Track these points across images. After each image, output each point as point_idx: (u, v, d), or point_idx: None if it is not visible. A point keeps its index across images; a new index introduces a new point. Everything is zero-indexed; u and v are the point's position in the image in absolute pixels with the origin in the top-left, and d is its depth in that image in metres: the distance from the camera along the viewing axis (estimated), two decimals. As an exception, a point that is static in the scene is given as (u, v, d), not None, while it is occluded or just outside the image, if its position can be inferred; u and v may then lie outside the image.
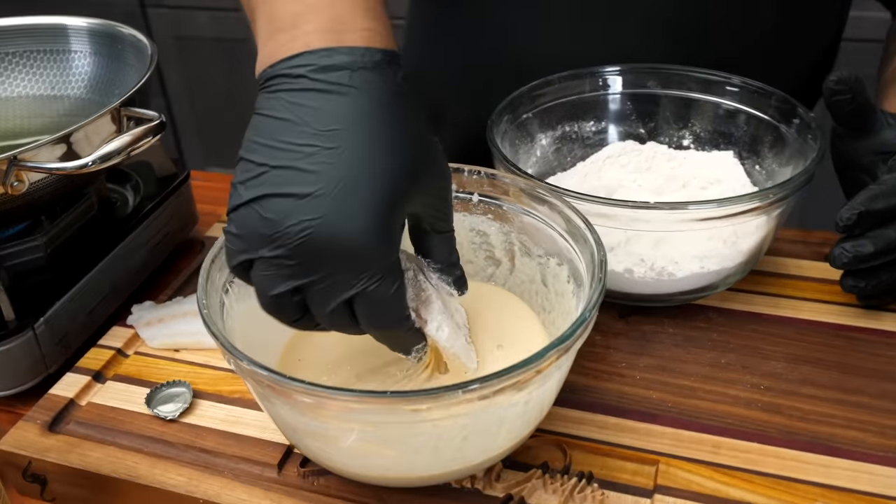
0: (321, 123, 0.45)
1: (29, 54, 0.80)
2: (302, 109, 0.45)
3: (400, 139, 0.46)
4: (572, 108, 0.75)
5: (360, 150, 0.45)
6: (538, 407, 0.52)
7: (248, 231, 0.46)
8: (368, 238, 0.45)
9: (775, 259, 0.71)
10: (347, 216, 0.45)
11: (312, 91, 0.45)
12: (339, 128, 0.45)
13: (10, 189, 0.61)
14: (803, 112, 0.67)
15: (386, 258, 0.47)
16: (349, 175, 0.45)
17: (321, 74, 0.46)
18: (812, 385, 0.60)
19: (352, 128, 0.45)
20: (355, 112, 0.45)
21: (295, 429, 0.51)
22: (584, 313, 0.49)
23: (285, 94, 0.46)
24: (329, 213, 0.44)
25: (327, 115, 0.45)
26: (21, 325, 0.64)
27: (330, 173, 0.45)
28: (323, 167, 0.45)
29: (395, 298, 0.48)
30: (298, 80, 0.46)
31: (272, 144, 0.45)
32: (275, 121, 0.46)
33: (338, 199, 0.44)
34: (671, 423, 0.58)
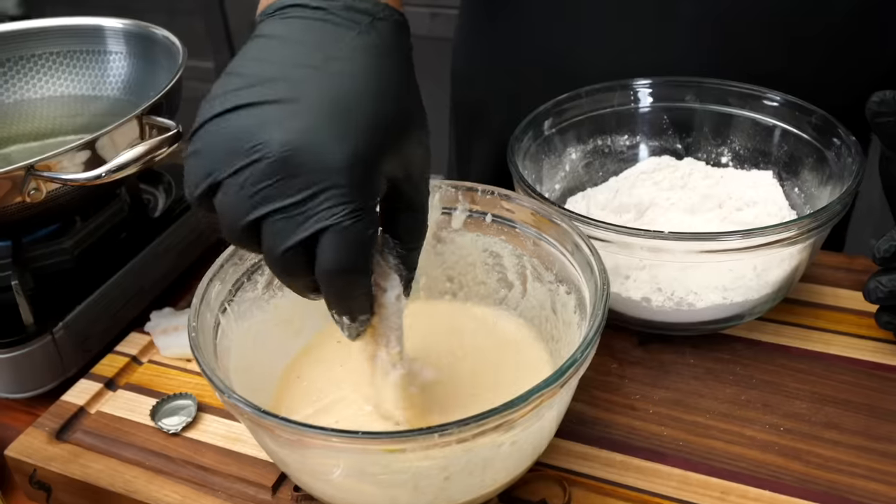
0: (333, 49, 0.43)
1: (71, 54, 0.82)
2: (317, 35, 0.43)
3: (402, 89, 0.45)
4: (605, 121, 0.71)
5: (364, 82, 0.43)
6: (530, 446, 0.50)
7: (218, 146, 0.42)
8: (357, 163, 0.41)
9: (811, 287, 0.67)
10: (338, 134, 0.41)
11: (331, 24, 0.44)
12: (350, 58, 0.43)
13: (28, 197, 0.62)
14: (843, 132, 0.63)
15: (370, 193, 0.43)
16: (347, 98, 0.42)
17: (344, 11, 0.44)
18: (836, 429, 0.57)
19: (361, 61, 0.43)
20: (368, 50, 0.44)
21: (281, 460, 0.51)
22: (574, 354, 0.47)
23: (300, 21, 0.44)
24: (319, 126, 0.41)
25: (342, 45, 0.43)
26: (39, 329, 0.65)
27: (326, 92, 0.42)
28: (326, 84, 0.42)
29: (367, 243, 0.43)
30: (318, 11, 0.44)
31: (270, 60, 0.43)
32: (281, 41, 0.44)
33: (330, 115, 0.41)
34: (680, 464, 0.55)
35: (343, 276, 0.43)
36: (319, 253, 0.42)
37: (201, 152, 0.42)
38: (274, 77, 0.42)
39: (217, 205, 0.43)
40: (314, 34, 0.44)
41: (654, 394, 0.60)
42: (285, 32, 0.44)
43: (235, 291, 0.57)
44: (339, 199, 0.41)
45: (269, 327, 0.59)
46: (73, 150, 0.62)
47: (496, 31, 0.84)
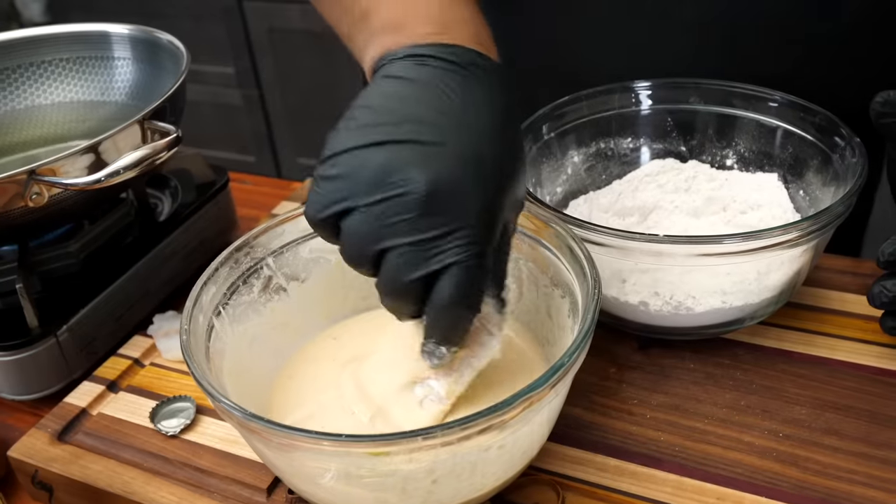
0: (465, 97, 0.45)
1: (80, 60, 0.83)
2: (448, 81, 0.45)
3: (518, 141, 0.48)
4: (606, 124, 0.71)
5: (497, 135, 0.46)
6: (519, 450, 0.50)
7: (361, 175, 0.43)
8: (490, 209, 0.44)
9: (817, 291, 0.66)
10: (477, 181, 0.44)
11: (460, 74, 0.46)
12: (481, 106, 0.46)
13: (30, 202, 0.62)
14: (847, 132, 0.62)
15: (493, 238, 0.46)
16: (484, 149, 0.45)
17: (471, 66, 0.46)
18: (836, 435, 0.56)
19: (490, 111, 0.46)
20: (495, 101, 0.46)
21: (271, 463, 0.51)
22: (562, 358, 0.47)
23: (434, 70, 0.46)
24: (462, 172, 0.43)
25: (472, 93, 0.45)
26: (44, 332, 0.66)
27: (468, 140, 0.44)
28: (463, 133, 0.44)
29: (483, 282, 0.46)
30: (449, 63, 0.46)
31: (413, 100, 0.45)
32: (420, 85, 0.45)
33: (473, 163, 0.44)
34: (676, 470, 0.55)
35: (456, 309, 0.46)
36: (438, 288, 0.45)
37: (341, 177, 0.44)
38: (421, 119, 0.44)
39: (345, 228, 0.45)
40: (448, 81, 0.46)
41: (652, 399, 0.59)
42: (423, 77, 0.46)
43: (231, 295, 0.57)
44: (469, 240, 0.44)
45: (266, 330, 0.59)
46: (75, 155, 0.63)
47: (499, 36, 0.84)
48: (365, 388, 0.56)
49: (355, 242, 0.45)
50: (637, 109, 0.71)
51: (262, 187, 0.91)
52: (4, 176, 0.61)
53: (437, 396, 0.54)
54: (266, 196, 0.89)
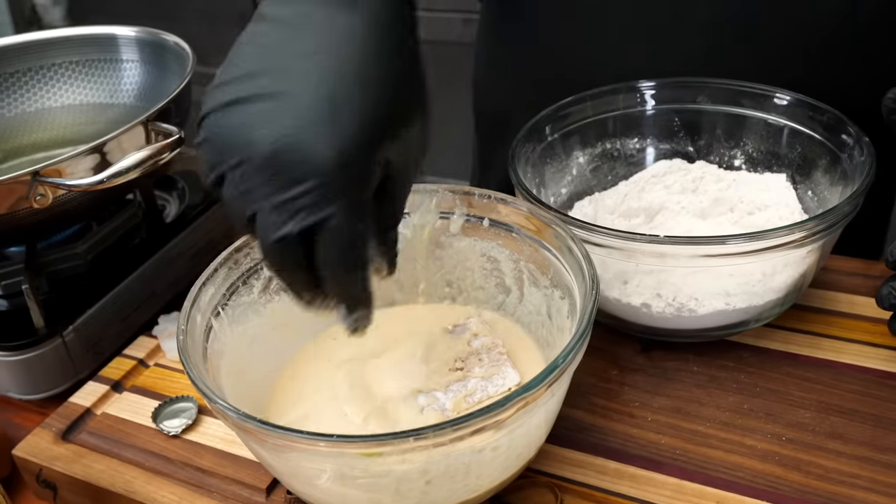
0: (327, 35, 0.42)
1: (88, 63, 0.83)
2: (308, 17, 0.43)
3: (398, 72, 0.43)
4: (612, 124, 0.70)
5: (353, 71, 0.42)
6: (514, 452, 0.49)
7: (218, 139, 0.43)
8: (345, 160, 0.41)
9: (825, 293, 0.65)
10: (328, 132, 0.41)
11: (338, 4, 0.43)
12: (340, 43, 0.42)
13: (34, 203, 0.63)
14: (855, 131, 0.61)
15: (361, 188, 0.43)
16: (340, 90, 0.42)
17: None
18: (840, 440, 0.55)
19: (350, 47, 0.42)
20: (364, 32, 0.43)
21: (268, 464, 0.51)
22: (556, 360, 0.46)
23: (297, 2, 0.44)
24: (308, 124, 0.41)
25: (337, 28, 0.42)
26: (50, 332, 0.67)
27: (320, 83, 0.41)
28: (315, 75, 0.42)
29: (359, 237, 0.43)
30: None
31: (262, 47, 0.43)
32: (272, 25, 0.43)
33: (321, 111, 0.41)
34: (676, 473, 0.54)
35: (335, 269, 0.44)
36: (316, 248, 0.43)
37: (207, 143, 0.43)
38: (264, 69, 0.42)
39: (223, 196, 0.44)
40: (305, 16, 0.43)
41: (653, 401, 0.59)
42: (278, 14, 0.43)
43: (230, 295, 0.57)
44: (328, 195, 0.41)
45: (265, 331, 0.59)
46: (79, 156, 0.63)
47: (513, 39, 0.83)
48: (366, 389, 0.56)
49: (230, 209, 0.44)
50: (643, 109, 0.70)
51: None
52: (9, 177, 0.61)
53: (441, 408, 0.54)
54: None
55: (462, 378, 0.56)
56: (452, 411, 0.54)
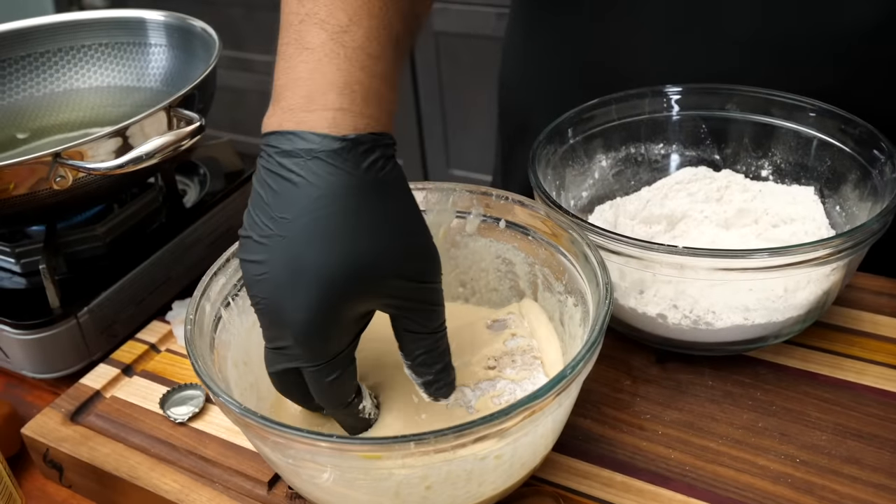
0: (278, 209, 0.45)
1: (118, 46, 0.83)
2: (268, 190, 0.46)
3: (349, 234, 0.45)
4: (637, 128, 0.69)
5: (302, 243, 0.45)
6: (518, 461, 0.49)
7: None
8: (303, 331, 0.46)
9: (849, 311, 0.63)
10: (289, 305, 0.45)
11: (274, 174, 0.46)
12: (288, 217, 0.45)
13: (54, 184, 0.63)
14: (887, 145, 0.59)
15: (323, 352, 0.47)
16: (292, 266, 0.45)
17: (282, 159, 0.45)
18: (857, 465, 0.53)
19: (299, 219, 0.45)
20: (305, 203, 0.45)
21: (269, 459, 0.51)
22: (563, 372, 0.45)
23: (262, 171, 0.47)
24: (273, 297, 0.46)
25: (283, 201, 0.45)
26: (65, 313, 0.67)
27: (276, 260, 0.45)
28: (273, 253, 0.46)
29: (331, 386, 0.48)
30: (269, 160, 0.46)
31: (251, 213, 0.47)
32: (255, 191, 0.47)
33: (281, 288, 0.45)
34: (683, 490, 0.53)
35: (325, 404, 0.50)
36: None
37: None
38: (250, 236, 0.47)
39: None
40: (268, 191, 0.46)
41: (665, 414, 0.58)
42: (256, 183, 0.47)
43: (241, 286, 0.56)
44: (299, 352, 0.47)
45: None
46: (101, 139, 0.63)
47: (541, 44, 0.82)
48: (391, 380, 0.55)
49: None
50: (669, 115, 0.69)
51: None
52: (30, 158, 0.61)
53: (467, 404, 0.53)
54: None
55: (493, 378, 0.55)
56: (477, 410, 0.53)
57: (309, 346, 0.46)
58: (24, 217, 0.69)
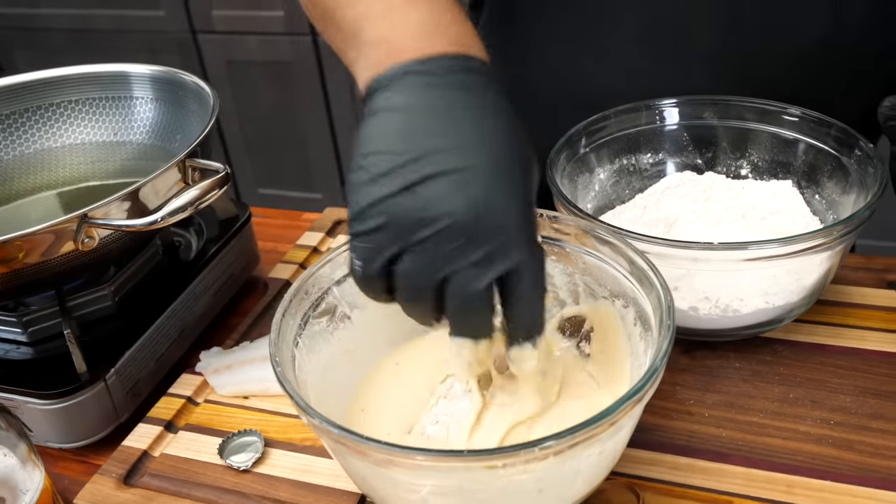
0: (468, 114, 0.47)
1: (93, 101, 0.82)
2: (446, 101, 0.47)
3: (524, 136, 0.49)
4: (629, 141, 0.75)
5: (503, 134, 0.47)
6: (612, 455, 0.52)
7: (402, 218, 0.46)
8: (526, 204, 0.47)
9: (838, 287, 0.71)
10: (506, 187, 0.46)
11: (453, 87, 0.47)
12: (485, 118, 0.47)
13: (80, 245, 0.62)
14: (864, 143, 0.67)
15: (536, 235, 0.48)
16: (499, 156, 0.46)
17: (461, 75, 0.48)
18: (882, 419, 0.60)
19: (494, 116, 0.47)
20: (494, 107, 0.48)
21: (369, 483, 0.52)
22: (655, 363, 0.49)
23: (426, 90, 0.47)
24: (493, 191, 0.45)
25: (473, 107, 0.47)
26: (93, 377, 0.66)
27: (483, 155, 0.46)
28: (475, 150, 0.46)
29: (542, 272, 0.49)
30: (440, 76, 0.47)
31: (414, 132, 0.46)
32: (412, 113, 0.47)
33: (492, 173, 0.46)
34: (742, 462, 0.58)
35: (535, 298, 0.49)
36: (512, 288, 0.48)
37: (382, 228, 0.46)
38: (436, 149, 0.46)
39: (400, 271, 0.47)
40: (446, 101, 0.47)
41: (706, 398, 0.63)
42: (419, 103, 0.47)
43: (304, 325, 0.58)
44: (520, 242, 0.47)
45: (336, 358, 0.60)
46: (119, 199, 0.63)
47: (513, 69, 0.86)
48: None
49: (413, 279, 0.47)
50: (660, 126, 0.75)
51: (275, 219, 0.92)
52: (58, 221, 0.61)
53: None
54: (278, 228, 0.90)
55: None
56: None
57: (531, 232, 0.47)
58: (38, 283, 0.67)
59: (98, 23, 1.95)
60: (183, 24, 1.92)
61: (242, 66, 1.91)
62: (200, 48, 1.94)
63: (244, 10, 1.85)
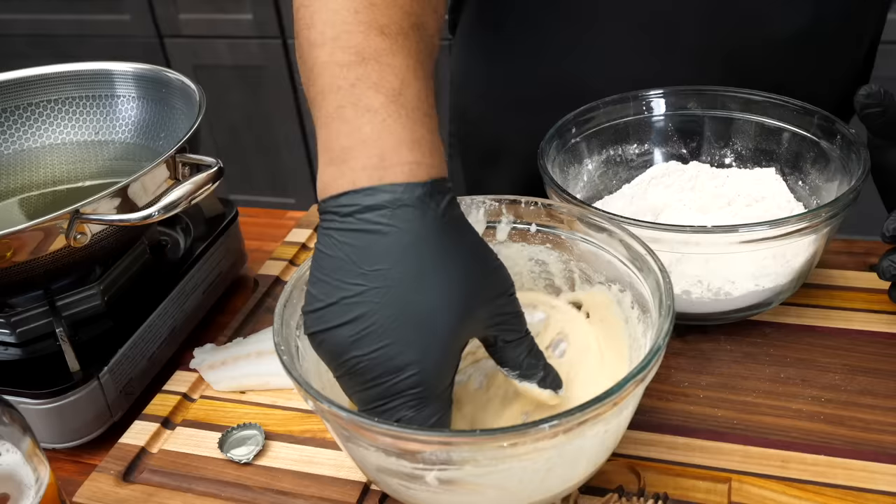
0: (368, 263, 0.47)
1: (75, 101, 0.81)
2: (350, 248, 0.48)
3: (446, 272, 0.48)
4: (616, 131, 0.76)
5: (405, 288, 0.47)
6: (615, 434, 0.53)
7: (320, 354, 0.50)
8: (428, 374, 0.48)
9: (822, 271, 0.72)
10: (409, 352, 0.47)
11: (358, 231, 0.47)
12: (384, 267, 0.47)
13: (72, 242, 0.62)
14: (845, 129, 0.68)
15: (436, 390, 0.49)
16: (405, 311, 0.47)
17: (365, 214, 0.47)
18: (871, 395, 0.61)
19: (396, 266, 0.47)
20: (398, 250, 0.47)
21: (377, 467, 0.52)
22: (657, 342, 0.50)
23: (336, 233, 0.48)
24: (385, 349, 0.47)
25: (373, 254, 0.47)
26: (86, 376, 0.65)
27: (379, 312, 0.47)
28: (373, 306, 0.47)
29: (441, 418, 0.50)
30: (346, 219, 0.48)
31: (327, 281, 0.48)
32: (329, 258, 0.48)
33: (394, 336, 0.47)
34: (739, 440, 0.59)
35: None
36: None
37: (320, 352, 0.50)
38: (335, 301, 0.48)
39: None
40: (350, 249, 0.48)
41: (700, 380, 0.64)
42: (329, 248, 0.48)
43: (304, 316, 0.58)
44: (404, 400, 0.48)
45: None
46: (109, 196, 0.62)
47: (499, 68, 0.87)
48: None
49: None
50: (647, 116, 0.76)
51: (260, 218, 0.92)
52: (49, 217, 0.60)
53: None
54: (262, 227, 0.90)
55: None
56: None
57: (430, 389, 0.48)
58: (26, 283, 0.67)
59: (60, 28, 1.92)
60: (149, 29, 1.90)
61: (211, 70, 1.90)
62: (167, 53, 1.92)
63: (212, 13, 1.84)
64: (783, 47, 0.76)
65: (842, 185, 0.67)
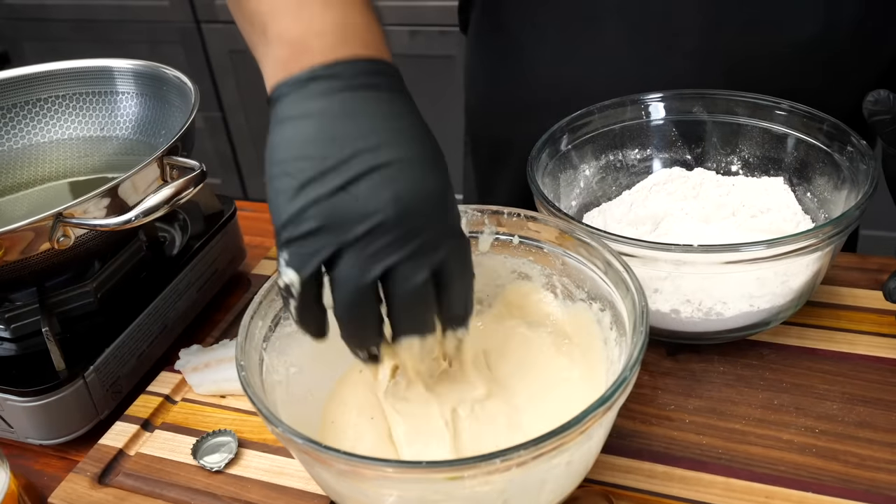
0: (382, 114, 0.47)
1: (78, 97, 0.82)
2: (357, 103, 0.47)
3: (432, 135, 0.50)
4: (615, 136, 0.73)
5: (417, 132, 0.48)
6: (582, 464, 0.51)
7: (339, 217, 0.46)
8: (450, 194, 0.48)
9: (830, 288, 0.69)
10: (431, 178, 0.47)
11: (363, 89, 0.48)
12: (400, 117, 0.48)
13: (56, 244, 0.62)
14: (856, 139, 0.65)
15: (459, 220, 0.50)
16: (418, 149, 0.48)
17: (370, 77, 0.48)
18: (870, 428, 0.58)
19: (406, 117, 0.48)
20: (406, 108, 0.49)
21: (336, 491, 0.51)
22: (624, 372, 0.48)
23: (335, 94, 0.47)
24: (419, 180, 0.47)
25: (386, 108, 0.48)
26: (71, 375, 0.65)
27: (403, 147, 0.47)
28: (395, 144, 0.47)
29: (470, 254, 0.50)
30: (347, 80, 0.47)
31: (337, 135, 0.47)
32: (327, 118, 0.47)
33: (418, 166, 0.47)
34: (722, 472, 0.57)
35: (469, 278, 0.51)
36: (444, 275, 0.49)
37: (323, 228, 0.46)
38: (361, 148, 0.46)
39: (338, 271, 0.47)
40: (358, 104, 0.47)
41: (688, 403, 0.61)
42: (324, 108, 0.47)
43: (274, 327, 0.57)
44: (453, 227, 0.49)
45: (307, 361, 0.59)
46: (97, 196, 0.62)
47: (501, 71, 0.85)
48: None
49: (353, 278, 0.47)
50: (646, 121, 0.73)
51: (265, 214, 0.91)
52: (31, 220, 0.60)
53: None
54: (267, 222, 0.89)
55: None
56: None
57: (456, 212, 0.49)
58: (19, 281, 0.67)
59: (102, 13, 1.95)
60: (187, 14, 1.91)
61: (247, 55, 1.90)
62: (204, 38, 1.93)
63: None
64: (789, 54, 0.72)
65: (850, 197, 0.64)
